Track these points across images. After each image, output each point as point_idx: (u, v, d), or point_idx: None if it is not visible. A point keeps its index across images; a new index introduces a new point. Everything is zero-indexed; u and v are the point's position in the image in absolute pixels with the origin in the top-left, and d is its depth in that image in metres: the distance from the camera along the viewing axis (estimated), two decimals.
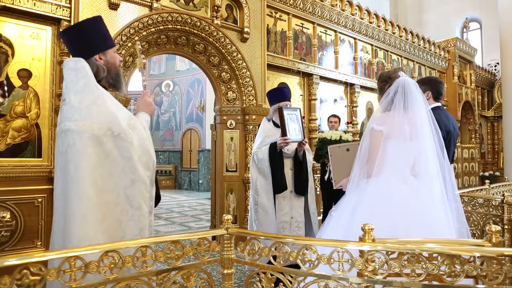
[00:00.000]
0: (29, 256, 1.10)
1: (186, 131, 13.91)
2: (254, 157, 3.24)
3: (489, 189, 4.34)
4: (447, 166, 2.03)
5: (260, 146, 3.21)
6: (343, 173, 2.39)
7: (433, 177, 1.96)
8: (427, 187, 1.95)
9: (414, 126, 2.02)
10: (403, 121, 2.02)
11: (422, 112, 2.03)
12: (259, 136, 3.31)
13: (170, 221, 7.10)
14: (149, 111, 2.00)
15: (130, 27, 4.15)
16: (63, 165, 1.67)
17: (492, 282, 1.13)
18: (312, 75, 6.40)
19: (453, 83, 10.15)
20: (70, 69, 1.76)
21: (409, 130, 2.01)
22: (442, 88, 3.03)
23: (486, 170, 11.19)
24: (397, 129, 2.02)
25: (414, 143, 2.01)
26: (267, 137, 3.24)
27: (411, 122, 2.02)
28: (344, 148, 2.52)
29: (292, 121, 3.09)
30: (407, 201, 1.88)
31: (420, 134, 2.01)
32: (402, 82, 2.07)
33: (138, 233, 1.73)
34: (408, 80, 2.09)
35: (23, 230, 3.58)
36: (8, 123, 3.60)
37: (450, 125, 2.90)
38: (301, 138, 3.10)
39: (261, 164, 3.15)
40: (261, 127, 3.41)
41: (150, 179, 1.82)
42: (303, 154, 3.25)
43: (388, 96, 2.09)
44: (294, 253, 1.32)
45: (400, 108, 2.03)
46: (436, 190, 1.94)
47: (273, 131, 3.28)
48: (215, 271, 3.54)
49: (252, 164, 3.28)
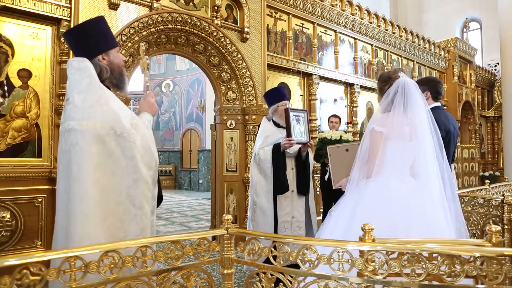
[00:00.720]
0: (29, 256, 1.10)
1: (186, 131, 13.91)
2: (255, 158, 3.22)
3: (489, 189, 4.34)
4: (446, 166, 2.04)
5: (262, 146, 3.20)
6: (342, 173, 2.40)
7: (432, 177, 1.96)
8: (426, 187, 1.96)
9: (413, 127, 2.02)
10: (403, 122, 2.03)
11: (421, 113, 2.03)
12: (260, 136, 3.31)
13: (170, 221, 7.10)
14: (152, 111, 2.01)
15: (130, 27, 4.15)
16: (66, 164, 1.68)
17: (492, 282, 1.13)
18: (312, 75, 6.39)
19: (453, 83, 10.15)
20: (74, 69, 1.76)
21: (408, 130, 2.02)
22: (441, 88, 3.02)
23: (486, 170, 11.18)
24: (397, 129, 2.02)
25: (413, 144, 2.02)
26: (268, 137, 3.24)
27: (411, 122, 2.02)
28: (343, 148, 2.53)
29: (298, 122, 3.10)
30: (407, 201, 1.88)
31: (420, 135, 2.01)
32: (402, 82, 2.07)
33: (140, 233, 1.74)
34: (408, 80, 2.09)
35: (23, 230, 3.58)
36: (8, 123, 3.60)
37: (450, 125, 2.90)
38: (306, 139, 3.12)
39: (263, 165, 3.14)
40: (261, 127, 3.40)
41: (152, 178, 1.82)
42: (306, 154, 3.25)
43: (388, 97, 2.09)
44: (294, 253, 1.32)
45: (400, 109, 2.03)
46: (435, 190, 1.94)
47: (273, 130, 3.29)
48: (215, 271, 3.54)
49: (253, 164, 3.27)
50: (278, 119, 3.33)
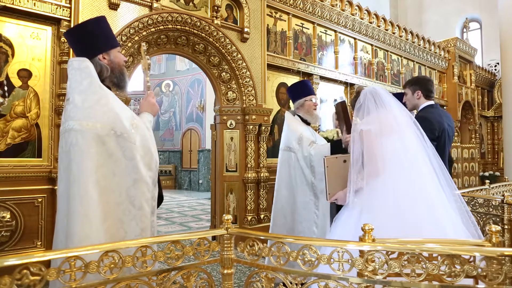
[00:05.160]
0: (29, 256, 1.10)
1: (186, 131, 13.91)
2: (307, 158, 2.96)
3: (489, 189, 4.33)
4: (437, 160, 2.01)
5: (310, 145, 2.94)
6: (338, 186, 2.29)
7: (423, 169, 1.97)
8: (421, 180, 1.97)
9: (393, 121, 2.09)
10: (383, 118, 2.09)
11: (395, 109, 2.12)
12: (295, 133, 3.05)
13: (170, 221, 7.10)
14: (153, 111, 2.01)
15: (130, 27, 4.15)
16: (66, 165, 1.68)
17: (492, 282, 1.13)
18: (312, 75, 6.39)
19: (453, 83, 10.15)
20: (75, 69, 1.76)
21: (391, 125, 2.08)
22: (431, 86, 2.97)
23: (486, 170, 11.18)
24: (379, 126, 2.07)
25: (397, 137, 2.05)
26: (303, 135, 3.01)
27: (389, 117, 2.10)
28: (341, 159, 2.41)
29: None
30: (414, 200, 1.89)
31: (402, 128, 2.07)
32: (368, 89, 2.22)
33: (140, 233, 1.74)
34: (374, 87, 2.25)
35: (23, 230, 3.58)
36: (8, 123, 3.60)
37: (444, 123, 2.84)
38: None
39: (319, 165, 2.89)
40: (293, 123, 3.15)
41: (152, 179, 1.82)
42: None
43: (359, 106, 2.20)
44: (294, 253, 1.32)
45: (373, 110, 2.14)
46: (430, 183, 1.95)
47: (304, 127, 3.09)
48: (215, 271, 3.54)
49: (296, 165, 3.02)
50: (305, 114, 3.13)
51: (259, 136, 5.37)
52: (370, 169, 2.01)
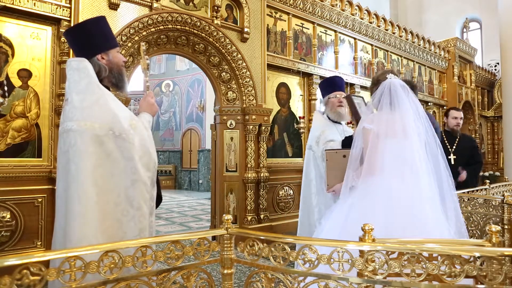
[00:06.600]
0: (29, 256, 1.10)
1: (186, 131, 13.91)
2: (320, 157, 2.91)
3: (489, 189, 4.32)
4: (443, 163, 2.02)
5: (326, 142, 2.91)
6: (337, 178, 2.36)
7: (424, 175, 1.97)
8: (419, 185, 1.97)
9: (400, 125, 2.06)
10: (391, 120, 2.07)
11: (408, 112, 2.08)
12: (316, 130, 3.01)
13: (170, 221, 7.10)
14: (152, 111, 2.01)
15: (130, 27, 4.15)
16: (64, 165, 1.68)
17: (492, 282, 1.13)
18: (312, 75, 6.39)
19: (453, 83, 10.15)
20: (73, 69, 1.76)
21: (397, 128, 2.06)
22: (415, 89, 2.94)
23: (486, 170, 11.17)
24: (387, 127, 2.06)
25: (404, 142, 2.04)
26: (325, 131, 2.97)
27: (398, 121, 2.07)
28: (341, 154, 2.46)
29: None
30: (403, 200, 1.90)
31: (408, 133, 2.05)
32: (388, 84, 2.13)
33: (138, 234, 1.74)
34: (394, 81, 2.14)
35: (23, 230, 3.58)
36: (8, 123, 3.60)
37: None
38: None
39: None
40: (316, 122, 3.12)
41: (150, 179, 1.82)
42: None
43: (375, 98, 2.17)
44: (294, 253, 1.32)
45: (386, 108, 2.10)
46: (424, 187, 1.95)
47: (329, 125, 3.02)
48: (215, 271, 3.54)
49: (314, 163, 2.98)
50: (329, 112, 3.02)
51: (259, 136, 5.37)
52: (366, 167, 2.02)
